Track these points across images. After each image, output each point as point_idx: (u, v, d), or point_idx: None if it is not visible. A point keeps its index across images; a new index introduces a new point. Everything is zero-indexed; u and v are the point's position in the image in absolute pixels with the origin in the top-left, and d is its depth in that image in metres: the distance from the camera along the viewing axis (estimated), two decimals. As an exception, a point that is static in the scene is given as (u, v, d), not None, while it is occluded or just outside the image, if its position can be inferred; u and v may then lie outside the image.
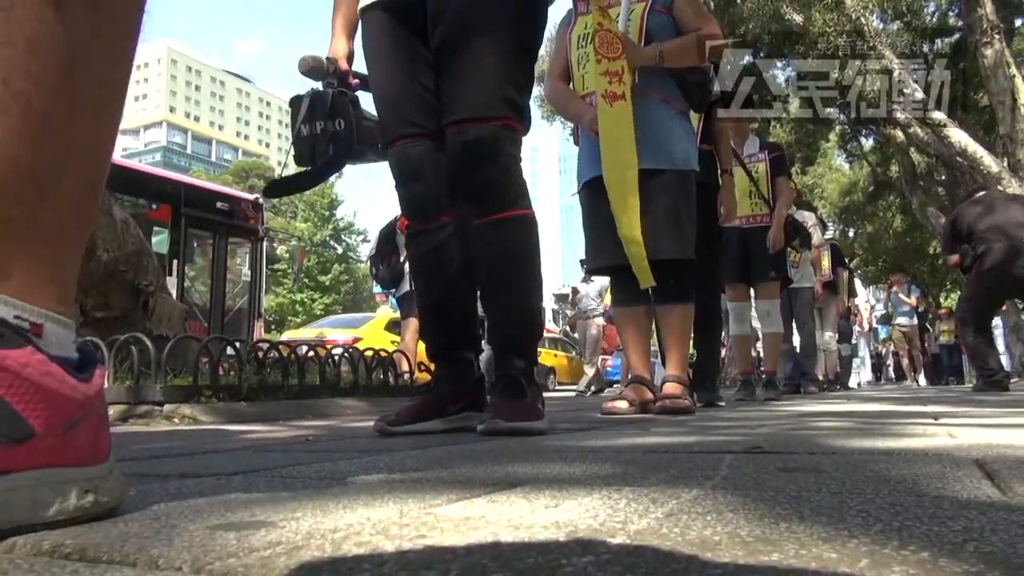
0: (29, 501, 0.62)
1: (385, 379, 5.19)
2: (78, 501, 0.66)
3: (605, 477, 0.93)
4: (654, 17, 3.17)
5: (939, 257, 22.49)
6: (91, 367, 0.72)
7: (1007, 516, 0.63)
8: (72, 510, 0.65)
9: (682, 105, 3.14)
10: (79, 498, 0.66)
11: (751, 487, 0.82)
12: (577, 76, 3.22)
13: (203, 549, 0.55)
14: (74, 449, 0.67)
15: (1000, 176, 10.46)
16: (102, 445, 0.72)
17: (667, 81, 3.08)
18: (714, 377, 4.04)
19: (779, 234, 4.93)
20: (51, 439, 0.65)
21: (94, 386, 0.71)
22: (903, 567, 0.45)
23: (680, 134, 3.10)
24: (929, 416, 2.30)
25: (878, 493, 0.76)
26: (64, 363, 0.68)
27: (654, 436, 1.65)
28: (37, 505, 0.63)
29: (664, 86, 3.09)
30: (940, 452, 1.15)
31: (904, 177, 16.94)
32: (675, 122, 3.11)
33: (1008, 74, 10.36)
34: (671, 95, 3.11)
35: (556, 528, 0.60)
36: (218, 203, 9.76)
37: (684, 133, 3.14)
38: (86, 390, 0.70)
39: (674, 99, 3.11)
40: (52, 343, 0.68)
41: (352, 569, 0.48)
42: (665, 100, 3.09)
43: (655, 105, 3.07)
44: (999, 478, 0.86)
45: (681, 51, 3.07)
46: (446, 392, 2.04)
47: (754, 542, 0.53)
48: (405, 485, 0.90)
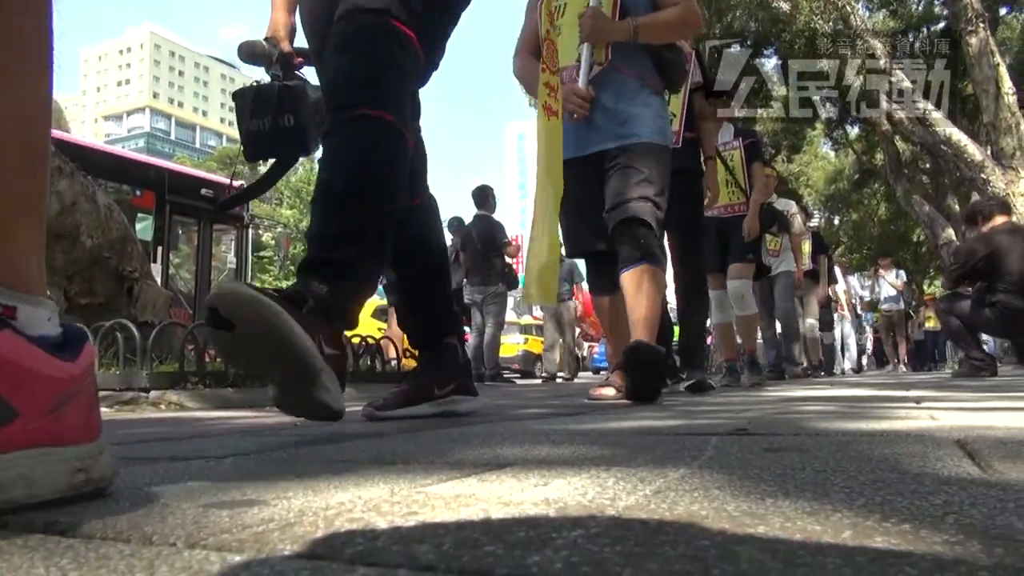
0: (22, 480, 0.62)
1: (372, 366, 5.19)
2: (70, 479, 0.66)
3: (593, 458, 0.94)
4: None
5: (923, 244, 22.72)
6: (78, 346, 0.72)
7: (986, 491, 0.64)
8: (64, 488, 0.66)
9: (657, 84, 2.99)
10: (71, 476, 0.67)
11: (737, 466, 0.83)
12: (547, 51, 3.05)
13: (196, 526, 0.55)
14: (65, 428, 0.67)
15: (984, 164, 10.55)
16: (94, 423, 0.72)
17: (642, 58, 2.93)
18: (702, 358, 3.96)
19: (754, 223, 4.90)
20: (38, 419, 0.65)
21: (81, 365, 0.71)
22: (885, 537, 0.47)
23: (655, 111, 2.92)
24: (911, 400, 2.33)
25: (861, 471, 0.78)
26: (45, 343, 0.68)
27: (640, 420, 1.67)
28: (31, 484, 0.63)
29: (639, 63, 2.93)
30: (922, 433, 1.17)
31: (889, 165, 17.05)
32: (650, 100, 2.93)
33: (992, 63, 10.42)
34: (646, 73, 2.95)
35: (546, 505, 0.61)
36: (203, 189, 9.67)
37: (659, 111, 2.95)
38: (71, 369, 0.70)
39: (649, 77, 2.95)
40: (28, 324, 0.68)
41: (346, 543, 0.48)
42: (639, 78, 2.92)
43: (629, 82, 2.90)
44: (979, 457, 0.88)
45: (658, 27, 2.90)
46: (433, 377, 2.05)
47: (741, 516, 0.54)
48: (395, 466, 0.90)
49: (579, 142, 2.93)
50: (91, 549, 0.50)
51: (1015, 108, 10.41)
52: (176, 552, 0.48)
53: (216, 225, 9.99)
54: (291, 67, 2.02)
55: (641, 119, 2.85)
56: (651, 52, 2.94)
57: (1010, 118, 10.37)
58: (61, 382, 0.68)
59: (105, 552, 0.49)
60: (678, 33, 3.00)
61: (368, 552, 0.46)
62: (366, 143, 1.63)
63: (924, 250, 23.43)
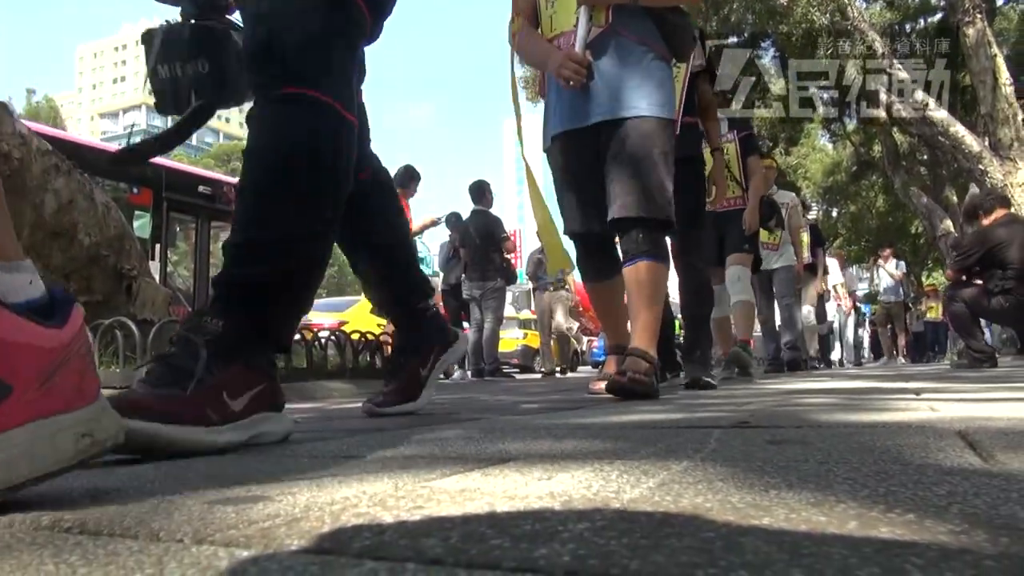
0: (26, 457, 0.62)
1: (372, 362, 5.20)
2: (76, 446, 0.66)
3: (596, 452, 0.94)
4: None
5: (921, 236, 22.74)
6: (66, 309, 0.70)
7: (989, 481, 0.64)
8: (72, 455, 0.65)
9: (663, 50, 2.75)
10: (76, 443, 0.66)
11: (740, 459, 0.83)
12: (545, 15, 2.82)
13: (203, 522, 0.55)
14: (60, 396, 0.66)
15: (981, 155, 10.55)
16: (89, 386, 0.71)
17: (645, 22, 2.70)
18: (705, 351, 3.69)
19: (754, 217, 4.82)
20: (32, 392, 0.64)
21: (69, 330, 0.70)
22: (890, 528, 0.47)
23: (659, 80, 2.68)
24: (911, 392, 2.33)
25: (864, 462, 0.78)
26: (30, 308, 0.67)
27: (642, 413, 1.67)
28: (34, 459, 0.62)
29: (641, 27, 2.70)
30: (923, 424, 1.17)
31: (887, 157, 17.05)
32: (653, 66, 2.69)
33: (990, 54, 10.42)
34: (649, 38, 2.71)
35: (551, 498, 0.61)
36: (200, 187, 9.67)
37: (663, 79, 2.72)
38: (60, 336, 0.68)
39: (653, 42, 2.71)
40: (8, 291, 0.66)
41: (352, 538, 0.48)
42: (642, 42, 2.69)
43: (630, 47, 2.67)
44: (981, 448, 0.88)
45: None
46: (414, 360, 2.00)
47: (745, 508, 0.55)
48: (398, 461, 0.90)
49: (576, 112, 2.71)
50: (99, 545, 0.50)
51: (1012, 99, 10.41)
52: (184, 548, 0.48)
53: (214, 222, 9.98)
54: (217, 8, 1.69)
55: (643, 88, 2.64)
56: (654, 16, 2.73)
57: (1007, 109, 10.37)
58: (51, 352, 0.66)
59: (113, 548, 0.49)
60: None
61: (375, 546, 0.46)
62: (296, 131, 1.33)
63: (922, 242, 23.46)
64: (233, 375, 1.19)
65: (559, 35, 2.75)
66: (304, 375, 4.19)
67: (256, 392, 1.22)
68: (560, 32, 2.75)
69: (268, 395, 1.26)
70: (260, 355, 1.28)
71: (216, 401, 1.14)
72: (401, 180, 6.57)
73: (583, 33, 2.63)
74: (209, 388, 1.14)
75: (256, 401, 1.22)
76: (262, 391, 1.24)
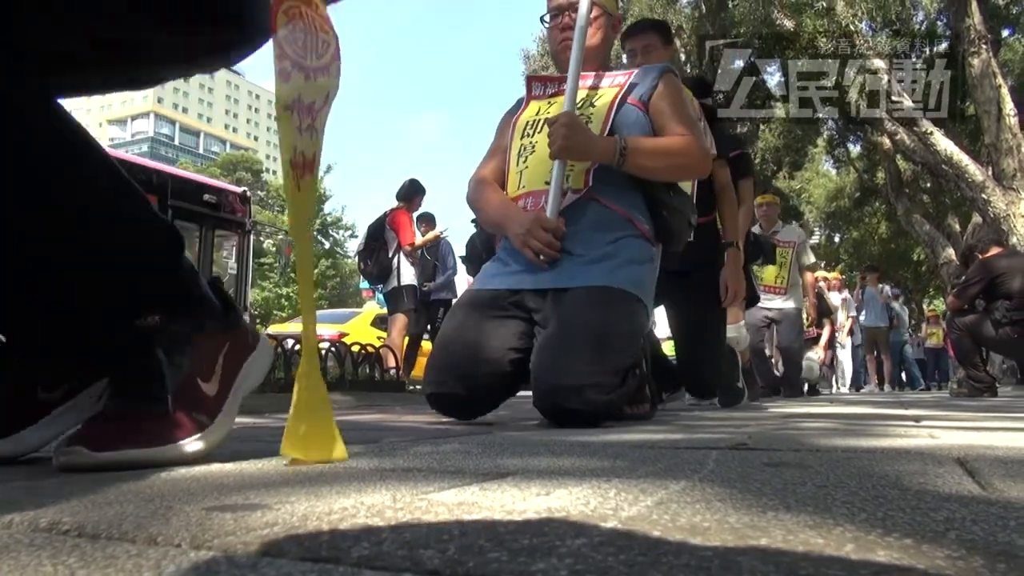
0: None
1: (371, 374, 5.20)
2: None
3: (594, 469, 0.94)
4: (626, 110, 2.28)
5: (923, 264, 22.76)
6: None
7: (987, 508, 0.64)
8: None
9: (648, 229, 2.26)
10: None
11: (737, 480, 0.83)
12: (513, 171, 2.34)
13: (200, 528, 0.55)
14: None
15: (984, 184, 10.58)
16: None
17: (632, 194, 2.24)
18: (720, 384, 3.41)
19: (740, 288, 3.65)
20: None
21: None
22: (887, 551, 0.47)
23: (635, 259, 2.19)
24: (910, 419, 2.33)
25: (862, 487, 0.78)
26: None
27: (640, 433, 1.67)
28: None
29: (627, 199, 2.23)
30: (922, 451, 1.17)
31: (890, 184, 17.09)
32: (634, 244, 2.21)
33: (994, 84, 10.46)
34: (635, 213, 2.24)
35: (548, 513, 0.61)
36: (205, 195, 9.70)
37: (639, 259, 2.21)
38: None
39: (638, 219, 2.23)
40: None
41: (351, 547, 0.49)
42: (627, 217, 2.22)
43: (609, 217, 2.20)
44: (979, 475, 0.88)
45: (653, 153, 2.20)
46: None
47: (743, 528, 0.55)
48: (396, 474, 0.90)
49: (524, 272, 2.21)
50: (97, 548, 0.50)
51: (1016, 129, 10.44)
52: (182, 553, 0.48)
53: (218, 231, 10.01)
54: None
55: (617, 264, 2.14)
56: (645, 189, 2.26)
57: (1011, 139, 10.40)
58: None
59: (112, 551, 0.49)
60: (676, 169, 2.27)
61: (373, 556, 0.46)
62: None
63: (924, 269, 23.47)
64: (196, 355, 1.10)
65: (526, 195, 2.28)
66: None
67: (225, 354, 1.14)
68: (527, 192, 2.29)
69: (238, 348, 1.17)
70: (202, 315, 1.14)
71: (194, 399, 1.06)
72: (405, 194, 6.59)
73: (556, 194, 2.17)
74: (184, 388, 1.06)
75: (229, 363, 1.14)
76: (230, 348, 1.15)
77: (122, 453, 0.95)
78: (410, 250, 6.36)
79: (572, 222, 2.16)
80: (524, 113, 2.44)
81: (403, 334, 6.44)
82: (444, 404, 2.17)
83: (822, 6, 12.98)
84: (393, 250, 6.38)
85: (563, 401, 1.92)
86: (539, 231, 2.11)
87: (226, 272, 10.58)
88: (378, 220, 6.59)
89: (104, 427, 0.98)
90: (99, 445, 0.94)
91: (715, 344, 3.39)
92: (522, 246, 2.14)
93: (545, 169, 2.22)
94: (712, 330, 3.38)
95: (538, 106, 2.43)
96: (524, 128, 2.38)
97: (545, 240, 2.11)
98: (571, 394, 1.90)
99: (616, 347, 2.01)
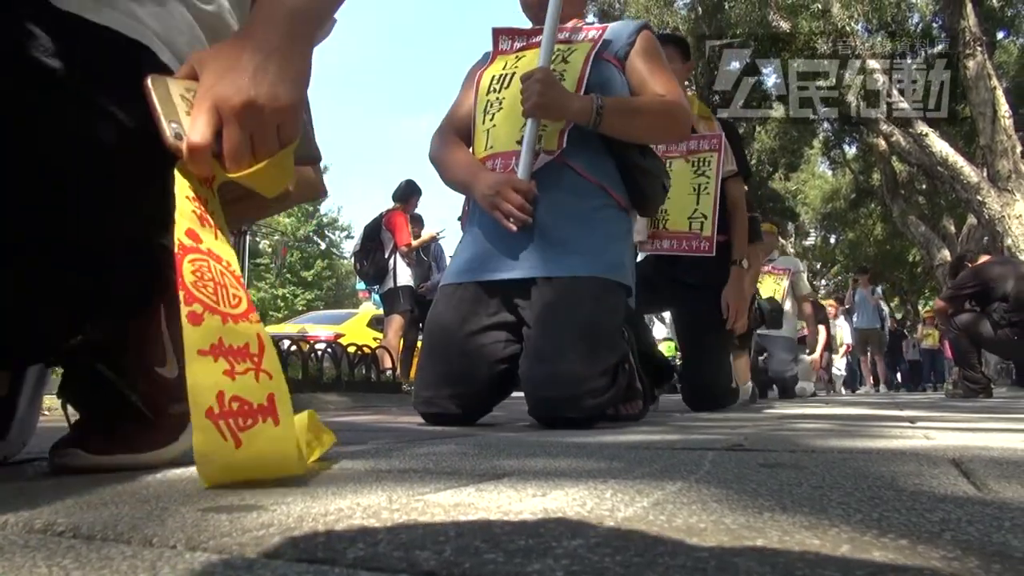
0: None
1: (367, 375, 5.19)
2: None
3: (590, 470, 0.94)
4: (601, 67, 2.13)
5: (918, 265, 22.82)
6: None
7: (982, 509, 0.64)
8: None
9: (624, 198, 2.17)
10: None
11: (733, 481, 0.83)
12: (480, 130, 2.20)
13: (196, 529, 0.55)
14: None
15: (980, 186, 10.61)
16: None
17: (604, 160, 2.13)
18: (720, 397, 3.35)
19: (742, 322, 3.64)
20: None
21: None
22: (883, 552, 0.47)
23: (610, 233, 2.10)
24: (906, 420, 2.33)
25: (857, 487, 0.78)
26: None
27: (636, 434, 1.67)
28: None
29: (601, 166, 2.12)
30: (917, 452, 1.18)
31: (886, 185, 17.14)
32: (608, 218, 2.11)
33: (989, 86, 10.50)
34: (609, 182, 2.12)
35: (545, 514, 0.61)
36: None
37: (618, 235, 2.13)
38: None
39: (612, 187, 2.13)
40: None
41: (347, 548, 0.49)
42: (600, 186, 2.10)
43: (583, 187, 2.09)
44: (975, 476, 0.88)
45: (632, 112, 2.09)
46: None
47: (739, 529, 0.55)
48: (392, 475, 0.90)
49: (494, 259, 2.09)
50: (92, 549, 0.50)
51: (1011, 131, 10.49)
52: (177, 554, 0.48)
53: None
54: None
55: (593, 243, 2.04)
56: (617, 153, 2.14)
57: (1006, 141, 10.44)
58: None
59: (107, 553, 0.49)
60: (656, 129, 2.16)
61: (369, 557, 0.46)
62: None
63: (919, 270, 23.54)
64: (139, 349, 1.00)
65: (494, 155, 2.13)
66: (300, 387, 4.18)
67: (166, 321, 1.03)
68: (496, 152, 2.13)
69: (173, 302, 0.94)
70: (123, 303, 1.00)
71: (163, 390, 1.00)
72: (401, 194, 6.58)
73: (528, 155, 2.03)
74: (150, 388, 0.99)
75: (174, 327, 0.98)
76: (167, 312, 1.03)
77: (119, 457, 0.95)
78: (406, 251, 6.35)
79: (543, 188, 2.03)
80: (490, 68, 2.29)
81: (399, 335, 6.43)
82: (437, 420, 2.09)
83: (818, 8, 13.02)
84: (389, 251, 6.37)
85: (557, 411, 1.89)
86: (509, 192, 1.97)
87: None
88: (374, 221, 6.58)
89: (101, 430, 0.97)
90: (96, 447, 0.94)
91: (717, 362, 3.39)
92: (490, 208, 2.01)
93: (515, 128, 2.09)
94: (714, 350, 3.37)
95: (505, 60, 2.27)
96: (490, 84, 2.23)
97: (516, 202, 1.97)
98: (565, 403, 1.87)
99: (605, 344, 1.96)
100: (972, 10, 10.65)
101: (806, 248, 26.81)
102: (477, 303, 2.10)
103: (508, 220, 1.99)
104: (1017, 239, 10.04)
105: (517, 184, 1.98)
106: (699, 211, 3.27)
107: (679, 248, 3.29)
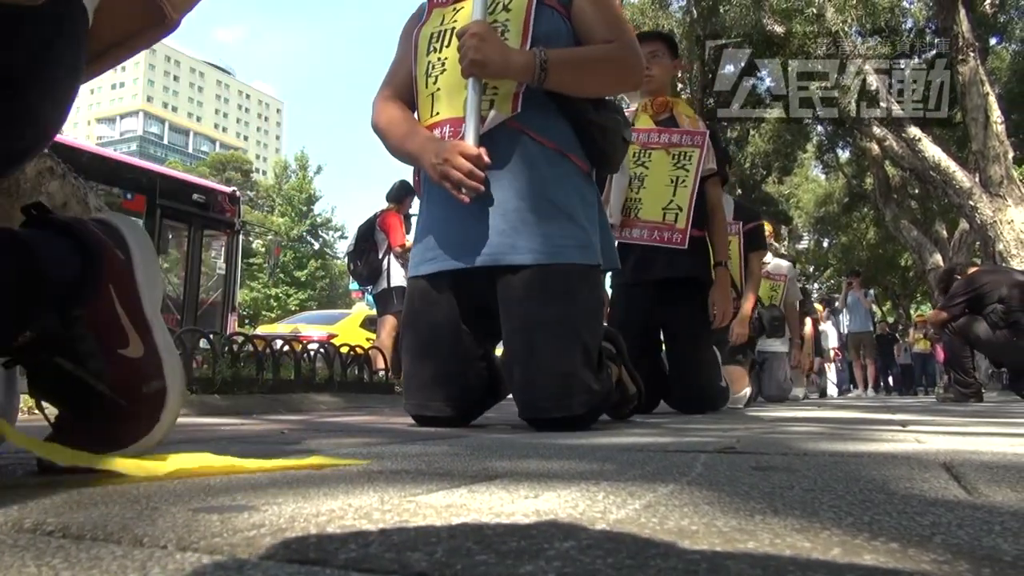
0: None
1: (360, 376, 5.18)
2: None
3: (583, 472, 0.94)
4: (546, 16, 1.96)
5: (910, 269, 22.92)
6: None
7: (973, 513, 0.65)
8: None
9: (585, 162, 2.04)
10: None
11: (725, 483, 0.83)
12: (424, 95, 2.04)
13: (187, 529, 0.55)
14: None
15: (972, 191, 10.66)
16: None
17: (559, 122, 1.98)
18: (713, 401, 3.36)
19: (744, 328, 4.22)
20: None
21: None
22: (874, 555, 0.47)
23: (578, 205, 1.96)
24: (897, 423, 2.34)
25: (849, 491, 0.78)
26: None
27: (629, 436, 1.67)
28: None
29: (556, 130, 1.97)
30: (909, 455, 1.18)
31: (878, 189, 17.20)
32: (571, 185, 1.97)
33: (982, 92, 10.55)
34: (567, 146, 1.99)
35: (537, 516, 0.61)
36: (194, 195, 9.66)
37: (583, 203, 1.99)
38: None
39: (570, 150, 1.99)
40: None
41: (338, 549, 0.48)
42: (557, 150, 1.96)
43: (539, 155, 1.93)
44: (965, 480, 0.88)
45: (578, 64, 1.93)
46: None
47: (730, 532, 0.55)
48: (384, 476, 0.90)
49: (455, 243, 1.97)
50: (82, 549, 0.50)
51: (1003, 137, 10.54)
52: (168, 554, 0.48)
53: (207, 231, 9.97)
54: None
55: (556, 219, 1.91)
56: (569, 114, 1.99)
57: (998, 146, 10.49)
58: None
59: (96, 553, 0.49)
60: (607, 81, 2.01)
61: (361, 558, 0.46)
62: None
63: (911, 275, 23.64)
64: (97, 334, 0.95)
65: (443, 122, 1.98)
66: (292, 387, 4.17)
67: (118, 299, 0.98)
68: (444, 119, 1.98)
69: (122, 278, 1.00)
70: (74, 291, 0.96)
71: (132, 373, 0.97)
72: (396, 195, 6.57)
73: (474, 118, 1.88)
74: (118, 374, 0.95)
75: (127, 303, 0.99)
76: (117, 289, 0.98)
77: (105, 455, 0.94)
78: (400, 251, 6.34)
79: (498, 159, 1.88)
80: (427, 24, 2.09)
81: (392, 336, 6.42)
82: (430, 423, 2.05)
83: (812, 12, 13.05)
84: (383, 251, 6.36)
85: (542, 412, 1.86)
86: (457, 158, 1.83)
87: (215, 272, 10.54)
88: (368, 221, 6.57)
89: (83, 427, 0.96)
90: (79, 445, 0.92)
91: (707, 366, 3.38)
92: (440, 178, 1.87)
93: (461, 90, 1.93)
94: (702, 353, 3.35)
95: (442, 14, 2.07)
96: (429, 42, 2.04)
97: (466, 169, 1.82)
98: (550, 405, 1.84)
99: (583, 334, 1.87)
100: (965, 16, 10.71)
101: (799, 252, 26.90)
102: (456, 295, 2.02)
103: (460, 191, 1.86)
104: (1008, 244, 10.09)
105: (464, 149, 1.84)
106: (675, 203, 3.24)
107: (650, 238, 3.26)
